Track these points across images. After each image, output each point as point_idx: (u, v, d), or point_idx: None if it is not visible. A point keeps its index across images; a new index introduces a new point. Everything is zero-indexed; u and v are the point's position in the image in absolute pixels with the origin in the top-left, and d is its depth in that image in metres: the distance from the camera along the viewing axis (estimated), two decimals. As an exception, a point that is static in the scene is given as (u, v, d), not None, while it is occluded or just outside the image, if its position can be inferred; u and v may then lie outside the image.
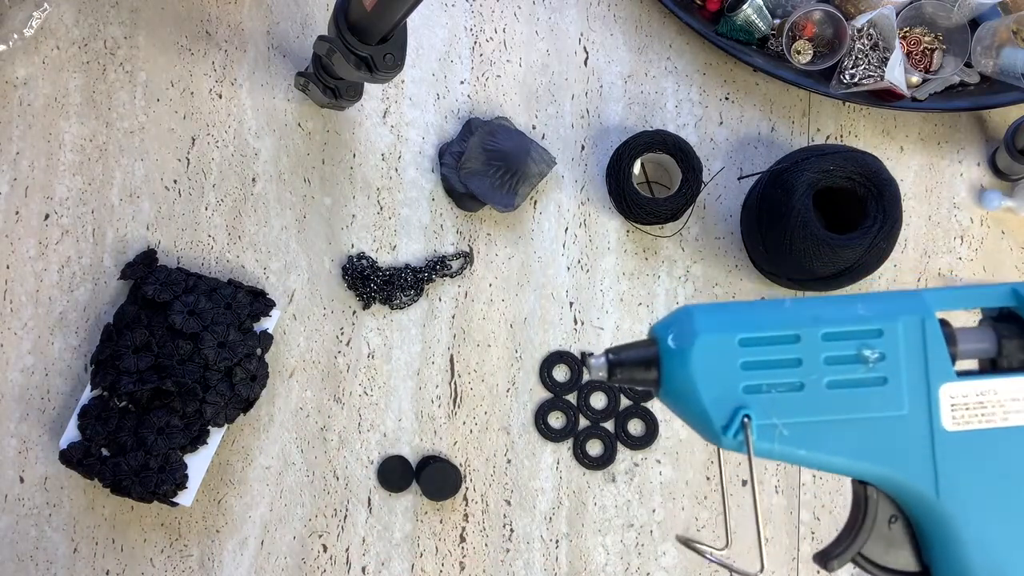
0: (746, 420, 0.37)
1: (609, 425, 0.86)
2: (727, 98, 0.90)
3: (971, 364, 0.41)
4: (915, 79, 0.86)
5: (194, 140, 0.87)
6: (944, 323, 0.39)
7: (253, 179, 0.87)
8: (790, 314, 0.37)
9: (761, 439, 0.37)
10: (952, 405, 0.37)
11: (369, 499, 0.84)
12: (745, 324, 0.37)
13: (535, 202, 0.88)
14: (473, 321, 0.87)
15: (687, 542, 0.41)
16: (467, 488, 0.85)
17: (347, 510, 0.84)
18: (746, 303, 0.40)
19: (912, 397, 0.37)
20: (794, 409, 0.37)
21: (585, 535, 0.85)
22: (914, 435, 0.37)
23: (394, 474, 0.84)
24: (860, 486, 0.40)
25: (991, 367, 0.39)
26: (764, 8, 0.85)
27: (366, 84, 0.85)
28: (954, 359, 0.39)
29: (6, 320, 0.84)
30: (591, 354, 0.41)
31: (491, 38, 0.89)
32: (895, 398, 0.37)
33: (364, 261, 0.86)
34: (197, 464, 0.79)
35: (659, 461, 0.86)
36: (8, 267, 0.85)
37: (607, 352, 0.39)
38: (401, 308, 0.86)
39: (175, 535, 0.83)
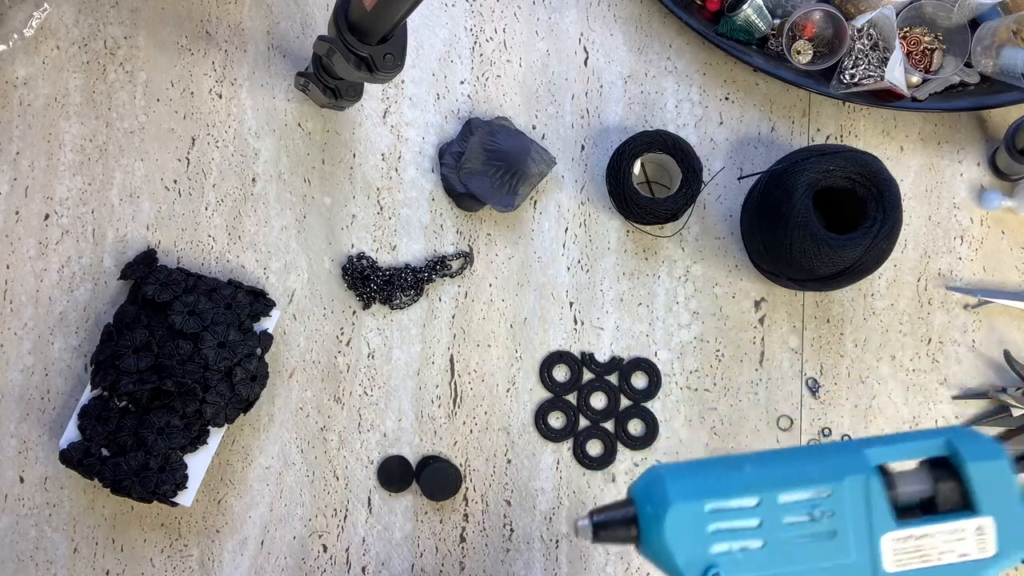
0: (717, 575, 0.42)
1: (609, 425, 0.86)
2: (727, 98, 0.90)
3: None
4: (915, 79, 0.86)
5: (194, 140, 0.87)
6: (885, 471, 0.43)
7: (253, 179, 0.87)
8: (751, 478, 0.42)
9: None
10: (894, 550, 0.42)
11: (369, 499, 0.85)
12: (712, 491, 0.42)
13: (535, 202, 0.88)
14: (473, 321, 0.87)
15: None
16: (467, 488, 0.85)
17: (347, 510, 0.84)
18: (711, 462, 0.45)
19: (858, 546, 0.42)
20: (757, 564, 0.42)
21: (585, 535, 0.85)
22: None
23: (394, 474, 0.84)
24: None
25: (927, 507, 0.43)
26: (764, 8, 0.85)
27: (366, 84, 0.85)
28: (895, 502, 0.43)
29: (6, 320, 0.84)
30: (578, 518, 0.47)
31: (491, 38, 0.89)
32: (843, 548, 0.42)
33: (364, 261, 0.86)
34: (197, 464, 0.79)
35: (659, 461, 0.86)
36: (8, 267, 0.85)
37: (591, 514, 0.45)
38: (401, 308, 0.86)
39: (175, 535, 0.83)
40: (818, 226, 0.78)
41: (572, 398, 0.86)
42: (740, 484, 0.43)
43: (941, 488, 0.44)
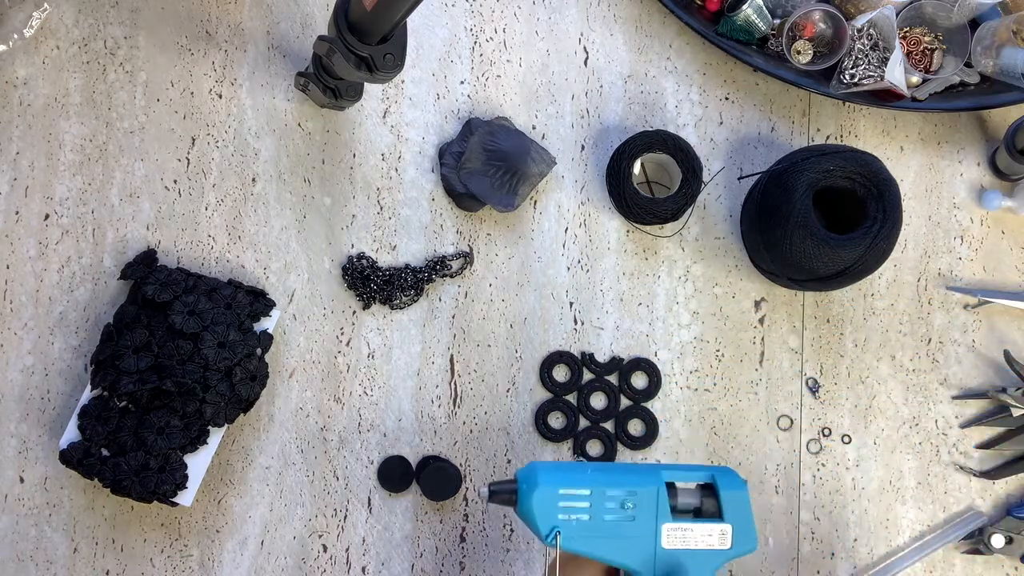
0: (558, 533, 0.66)
1: (609, 425, 0.86)
2: (727, 98, 0.90)
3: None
4: (915, 79, 0.86)
5: (194, 140, 0.87)
6: (672, 486, 0.69)
7: (253, 179, 0.87)
8: (589, 478, 0.67)
9: (565, 543, 0.66)
10: (667, 534, 0.67)
11: (369, 499, 0.85)
12: (563, 482, 0.67)
13: (535, 202, 0.88)
14: (473, 321, 0.87)
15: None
16: (467, 488, 0.85)
17: (347, 510, 0.84)
18: (569, 465, 0.74)
19: (647, 528, 0.67)
20: (584, 530, 0.66)
21: (585, 535, 0.85)
22: (646, 548, 0.67)
23: (394, 474, 0.84)
24: (614, 570, 0.70)
25: (697, 512, 0.69)
26: (764, 8, 0.85)
27: (366, 84, 0.85)
28: (675, 507, 0.68)
29: (6, 320, 0.84)
30: (482, 485, 0.80)
31: (491, 38, 0.89)
32: (638, 528, 0.67)
33: (364, 261, 0.86)
34: (197, 464, 0.79)
35: (659, 461, 0.86)
36: (8, 267, 0.85)
37: (489, 485, 0.68)
38: (401, 308, 0.86)
39: (175, 535, 0.83)
40: (818, 226, 0.78)
41: (572, 398, 0.86)
42: (582, 481, 0.67)
43: (705, 502, 0.69)
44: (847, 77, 0.85)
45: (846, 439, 0.87)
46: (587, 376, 0.86)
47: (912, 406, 0.87)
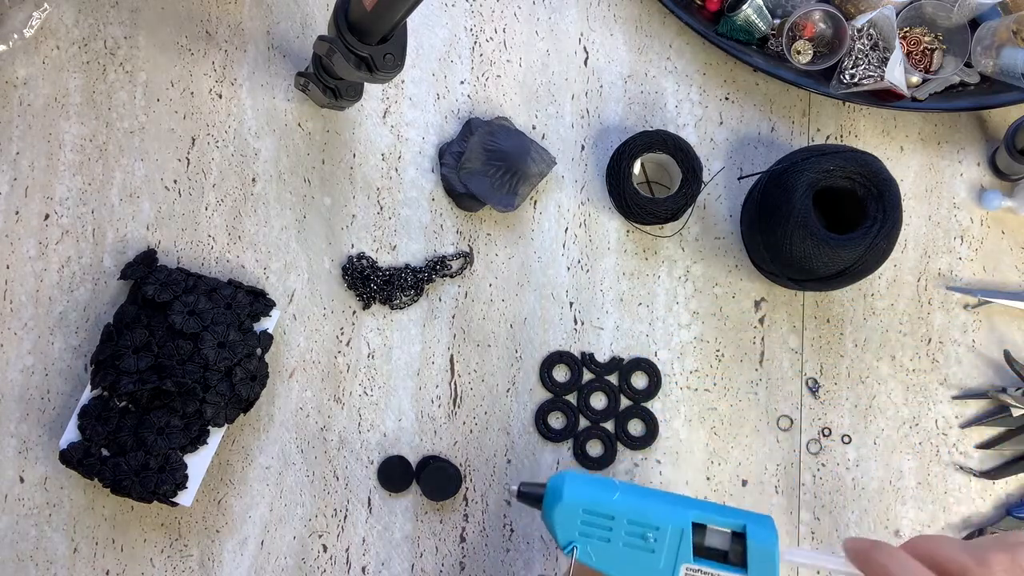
0: (575, 548, 0.66)
1: (609, 425, 0.86)
2: (727, 98, 0.90)
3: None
4: (915, 79, 0.86)
5: (194, 140, 0.87)
6: (702, 526, 0.66)
7: (253, 179, 0.87)
8: (616, 504, 0.66)
9: (581, 556, 0.65)
10: (686, 574, 0.65)
11: (369, 499, 0.85)
12: (588, 501, 0.66)
13: (535, 202, 0.88)
14: (473, 321, 0.87)
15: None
16: (467, 488, 0.85)
17: (347, 510, 0.84)
18: (600, 481, 0.68)
19: (666, 564, 0.65)
20: (600, 550, 0.66)
21: (585, 535, 0.85)
22: None
23: (394, 474, 0.84)
24: None
25: (724, 556, 0.66)
26: (764, 8, 0.85)
27: (366, 84, 0.85)
28: (699, 547, 0.66)
29: (6, 320, 0.84)
30: (511, 482, 0.81)
31: (491, 38, 0.89)
32: (656, 561, 0.65)
33: (364, 261, 0.86)
34: (197, 464, 0.79)
35: (659, 461, 0.86)
36: (8, 267, 0.85)
37: (520, 484, 0.69)
38: (401, 308, 0.86)
39: (175, 535, 0.83)
40: (818, 226, 0.78)
41: (572, 398, 0.86)
42: (607, 504, 0.67)
43: (733, 548, 0.66)
44: (847, 77, 0.85)
45: (846, 439, 0.87)
46: (587, 376, 0.86)
47: (912, 406, 0.87)
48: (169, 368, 0.78)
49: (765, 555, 0.65)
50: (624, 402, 0.86)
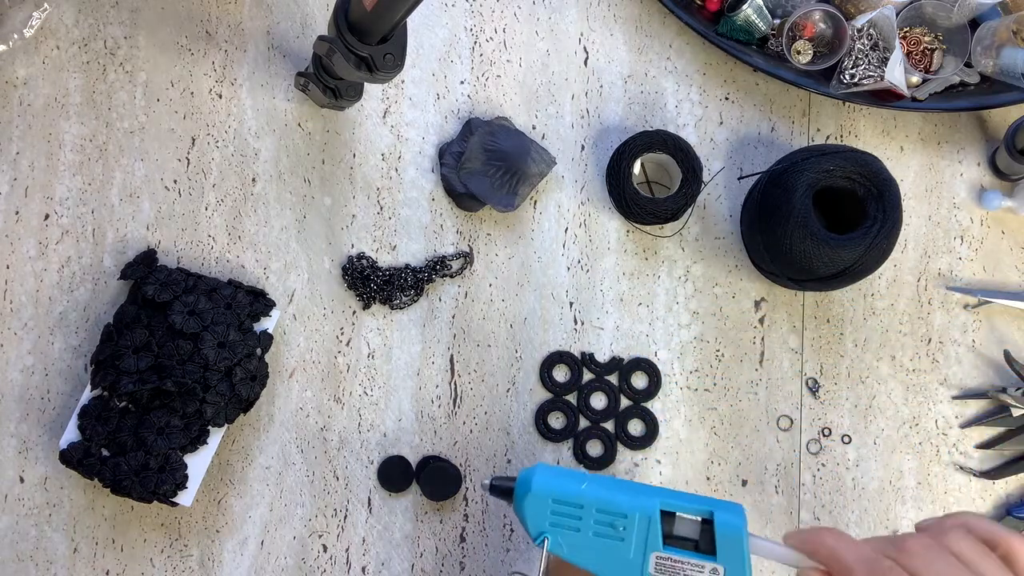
0: (546, 539, 0.66)
1: (609, 425, 0.86)
2: (727, 98, 0.90)
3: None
4: (915, 79, 0.86)
5: (194, 140, 0.87)
6: (671, 514, 0.67)
7: (253, 179, 0.87)
8: (585, 493, 0.67)
9: (553, 548, 0.66)
10: (655, 563, 0.65)
11: (369, 499, 0.85)
12: (557, 492, 0.67)
13: (535, 202, 0.88)
14: (473, 321, 0.87)
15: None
16: (467, 488, 0.85)
17: (347, 510, 0.84)
18: (568, 473, 0.69)
19: (636, 551, 0.66)
20: (571, 540, 0.66)
21: (585, 535, 0.85)
22: (632, 572, 0.65)
23: (394, 474, 0.84)
24: None
25: (695, 547, 0.66)
26: (764, 8, 0.85)
27: (366, 84, 0.85)
28: (668, 535, 0.66)
29: (6, 320, 0.84)
30: (484, 478, 0.77)
31: (491, 38, 0.89)
32: (626, 550, 0.66)
33: (364, 261, 0.86)
34: (197, 464, 0.79)
35: (659, 461, 0.86)
36: (8, 267, 0.85)
37: (492, 479, 0.70)
38: (401, 308, 0.86)
39: (175, 535, 0.83)
40: (818, 226, 0.78)
41: (572, 398, 0.86)
42: (575, 494, 0.67)
43: (703, 536, 0.66)
44: (847, 77, 0.85)
45: (846, 439, 0.87)
46: (587, 376, 0.86)
47: (912, 406, 0.87)
48: (169, 368, 0.78)
49: (733, 541, 0.65)
50: (624, 402, 0.86)
